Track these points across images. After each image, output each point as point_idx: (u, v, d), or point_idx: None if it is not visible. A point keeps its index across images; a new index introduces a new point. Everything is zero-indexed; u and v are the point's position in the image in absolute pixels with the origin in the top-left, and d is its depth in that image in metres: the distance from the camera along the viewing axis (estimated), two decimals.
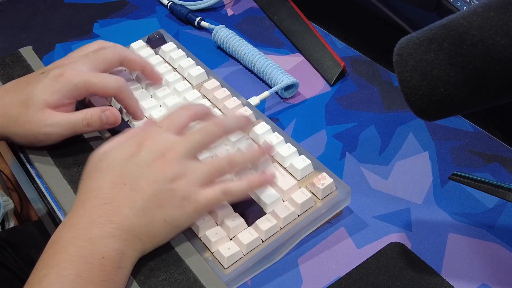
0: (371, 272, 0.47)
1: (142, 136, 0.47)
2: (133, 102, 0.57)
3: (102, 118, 0.54)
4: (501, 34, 0.34)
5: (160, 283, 0.45)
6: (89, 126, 0.54)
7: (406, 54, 0.38)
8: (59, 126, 0.53)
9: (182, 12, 0.76)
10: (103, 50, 0.56)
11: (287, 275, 0.48)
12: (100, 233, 0.42)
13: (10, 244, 0.77)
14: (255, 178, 0.48)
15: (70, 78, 0.53)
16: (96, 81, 0.54)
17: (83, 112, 0.54)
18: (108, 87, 0.54)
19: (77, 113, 0.54)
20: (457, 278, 0.47)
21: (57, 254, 0.42)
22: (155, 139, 0.47)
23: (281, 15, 0.75)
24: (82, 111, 0.54)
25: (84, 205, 0.44)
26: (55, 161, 0.55)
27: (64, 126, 0.53)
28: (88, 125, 0.54)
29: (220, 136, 0.48)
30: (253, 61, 0.66)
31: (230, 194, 0.46)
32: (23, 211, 1.18)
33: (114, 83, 0.54)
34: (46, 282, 0.40)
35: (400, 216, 0.52)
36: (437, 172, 0.56)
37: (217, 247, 0.47)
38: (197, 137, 0.47)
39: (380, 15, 0.74)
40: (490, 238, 0.50)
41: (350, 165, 0.57)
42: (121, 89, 0.55)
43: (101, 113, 0.54)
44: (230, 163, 0.47)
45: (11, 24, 0.77)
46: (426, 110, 0.39)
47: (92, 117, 0.54)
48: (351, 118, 0.62)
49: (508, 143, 0.58)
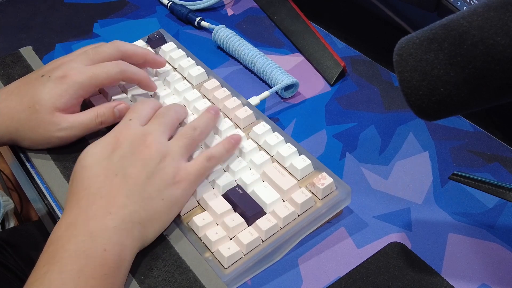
0: (371, 272, 0.47)
1: (116, 131, 0.49)
2: (142, 75, 0.58)
3: (115, 113, 0.55)
4: (501, 34, 0.34)
5: (160, 283, 0.45)
6: (103, 124, 0.55)
7: (406, 54, 0.38)
8: (73, 129, 0.53)
9: (182, 12, 0.76)
10: (102, 47, 0.57)
11: (287, 275, 0.48)
12: (99, 226, 0.43)
13: (10, 244, 0.77)
14: (227, 139, 0.52)
15: (75, 78, 0.53)
16: (99, 72, 0.54)
17: (94, 110, 0.54)
18: (111, 74, 0.55)
19: (88, 113, 0.54)
20: (457, 278, 0.47)
21: (58, 251, 0.42)
22: (129, 130, 0.49)
23: (281, 15, 0.75)
24: (92, 109, 0.54)
25: (79, 204, 0.44)
26: (55, 161, 0.55)
27: (77, 128, 0.53)
28: (101, 123, 0.55)
29: (183, 113, 0.54)
30: (253, 61, 0.66)
31: (213, 158, 0.50)
32: (23, 211, 1.18)
33: (115, 68, 0.55)
34: (48, 279, 0.40)
35: (400, 216, 0.52)
36: (437, 172, 0.56)
37: (217, 247, 0.47)
38: (164, 118, 0.51)
39: (380, 15, 0.74)
40: (490, 238, 0.50)
41: (350, 165, 0.57)
42: (124, 71, 0.56)
43: (113, 109, 0.55)
44: (192, 127, 0.51)
45: (11, 24, 0.77)
46: (426, 110, 0.39)
47: (105, 114, 0.54)
48: (351, 118, 0.62)
49: (508, 143, 0.58)
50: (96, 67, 0.54)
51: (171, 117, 0.52)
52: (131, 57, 0.58)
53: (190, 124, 0.52)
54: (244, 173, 0.52)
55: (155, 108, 0.53)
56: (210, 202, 0.49)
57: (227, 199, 0.50)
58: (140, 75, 0.57)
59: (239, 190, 0.50)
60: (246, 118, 0.56)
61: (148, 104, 0.53)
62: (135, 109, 0.52)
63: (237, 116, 0.57)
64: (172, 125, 0.51)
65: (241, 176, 0.51)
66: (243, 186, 0.51)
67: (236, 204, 0.49)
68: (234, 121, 0.57)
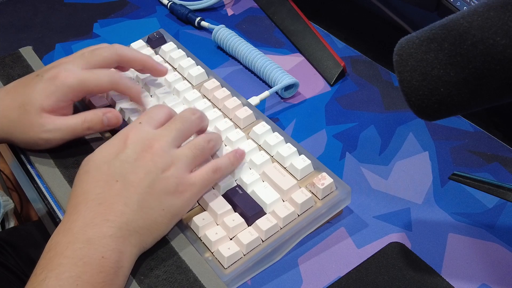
0: (371, 272, 0.47)
1: (123, 134, 0.47)
2: (134, 91, 0.55)
3: (103, 121, 0.53)
4: (501, 34, 0.34)
5: (160, 283, 0.45)
6: (90, 130, 0.53)
7: (406, 54, 0.38)
8: (58, 131, 0.52)
9: (182, 12, 0.76)
10: (99, 49, 0.55)
11: (287, 275, 0.48)
12: (97, 233, 0.42)
13: (10, 244, 0.77)
14: (232, 152, 0.51)
15: (64, 80, 0.52)
16: (89, 78, 0.52)
17: (82, 115, 0.53)
18: (101, 83, 0.53)
19: (76, 117, 0.53)
20: (457, 278, 0.47)
21: (55, 258, 0.41)
22: (137, 134, 0.47)
23: (281, 15, 0.75)
24: (81, 114, 0.53)
25: (77, 209, 0.44)
26: (56, 161, 0.55)
27: (63, 131, 0.52)
28: (88, 128, 0.53)
29: (197, 123, 0.50)
30: (253, 61, 0.66)
31: (219, 170, 0.49)
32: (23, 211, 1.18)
33: (107, 78, 0.53)
34: (46, 285, 0.40)
35: (400, 216, 0.52)
36: (437, 172, 0.56)
37: (217, 247, 0.47)
38: (178, 125, 0.49)
39: (380, 15, 0.74)
40: (490, 238, 0.50)
41: (350, 165, 0.57)
42: (116, 82, 0.54)
43: (102, 116, 0.53)
44: (206, 139, 0.49)
45: (11, 24, 0.77)
46: (426, 110, 0.39)
47: (93, 120, 0.53)
48: (351, 118, 0.62)
49: (508, 143, 0.58)
50: (88, 72, 0.53)
51: (189, 124, 0.49)
52: (129, 62, 0.57)
53: (205, 135, 0.50)
54: (244, 173, 0.52)
55: (168, 113, 0.50)
56: (210, 202, 0.49)
57: (227, 199, 0.50)
58: (131, 90, 0.55)
59: (239, 190, 0.50)
60: (246, 118, 0.56)
61: (161, 109, 0.50)
62: (147, 112, 0.50)
63: (237, 116, 0.57)
64: (187, 132, 0.49)
65: (241, 176, 0.51)
66: (243, 186, 0.51)
67: (236, 204, 0.49)
68: (234, 121, 0.57)
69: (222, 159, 0.50)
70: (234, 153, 0.51)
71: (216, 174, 0.49)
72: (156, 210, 0.45)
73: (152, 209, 0.45)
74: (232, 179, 0.51)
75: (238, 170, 0.52)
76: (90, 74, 0.53)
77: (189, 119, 0.50)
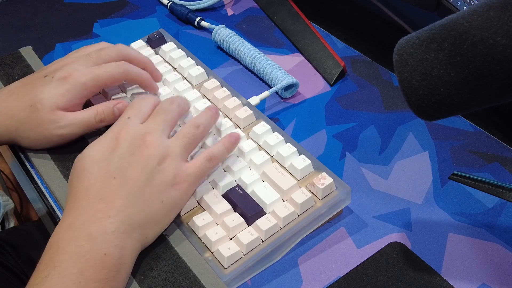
0: (371, 272, 0.47)
1: (114, 131, 0.48)
2: (145, 76, 0.57)
3: (115, 112, 0.55)
4: (501, 34, 0.34)
5: (160, 283, 0.45)
6: (102, 122, 0.55)
7: (406, 54, 0.38)
8: (72, 126, 0.53)
9: (182, 12, 0.76)
10: (105, 50, 0.57)
11: (287, 275, 0.48)
12: (99, 230, 0.43)
13: (10, 244, 0.77)
14: (226, 137, 0.51)
15: (78, 78, 0.53)
16: (101, 73, 0.54)
17: (93, 109, 0.54)
18: (114, 75, 0.55)
19: (88, 111, 0.54)
20: (457, 278, 0.47)
21: (58, 254, 0.42)
22: (128, 129, 0.48)
23: (281, 15, 0.75)
24: (92, 108, 0.54)
25: (78, 206, 0.44)
26: (55, 161, 0.55)
27: (77, 125, 0.53)
28: (101, 120, 0.54)
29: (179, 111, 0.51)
30: (253, 61, 0.66)
31: (214, 158, 0.49)
32: (23, 211, 1.18)
33: (118, 69, 0.55)
34: (48, 283, 0.40)
35: (400, 216, 0.52)
36: (437, 172, 0.56)
37: (217, 247, 0.47)
38: (162, 117, 0.50)
39: (380, 15, 0.74)
40: (490, 238, 0.50)
41: (350, 165, 0.57)
42: (127, 71, 0.56)
43: (113, 107, 0.54)
44: (195, 124, 0.50)
45: (11, 24, 0.77)
46: (426, 110, 0.39)
47: (104, 112, 0.54)
48: (351, 118, 0.62)
49: (508, 143, 0.58)
50: (99, 68, 0.55)
51: (172, 113, 0.51)
52: (132, 62, 0.58)
53: (192, 122, 0.51)
54: (244, 173, 0.52)
55: (154, 104, 0.52)
56: (210, 202, 0.49)
57: (227, 199, 0.50)
58: (142, 76, 0.57)
59: (239, 190, 0.50)
60: (246, 118, 0.56)
61: (147, 101, 0.52)
62: (134, 106, 0.51)
63: (237, 116, 0.57)
64: (172, 121, 0.51)
65: (241, 176, 0.51)
66: (243, 186, 0.51)
67: (236, 204, 0.49)
68: (234, 121, 0.57)
69: (216, 146, 0.50)
70: (228, 137, 0.51)
71: (211, 162, 0.49)
72: (155, 202, 0.46)
73: (152, 202, 0.45)
74: (232, 179, 0.51)
75: (238, 170, 0.52)
76: (101, 69, 0.55)
77: (170, 109, 0.51)
